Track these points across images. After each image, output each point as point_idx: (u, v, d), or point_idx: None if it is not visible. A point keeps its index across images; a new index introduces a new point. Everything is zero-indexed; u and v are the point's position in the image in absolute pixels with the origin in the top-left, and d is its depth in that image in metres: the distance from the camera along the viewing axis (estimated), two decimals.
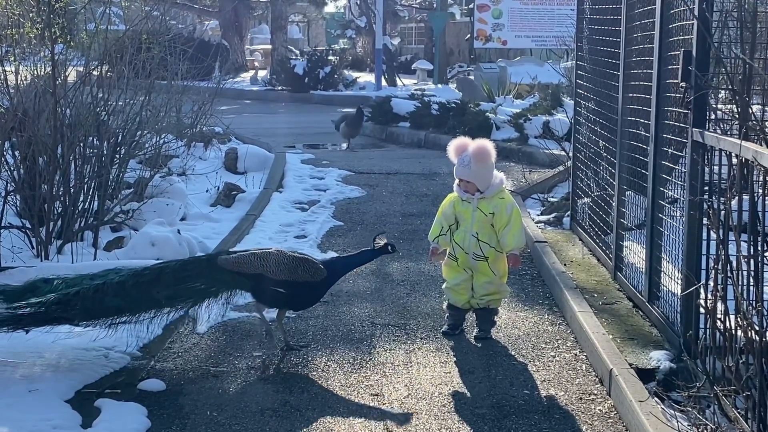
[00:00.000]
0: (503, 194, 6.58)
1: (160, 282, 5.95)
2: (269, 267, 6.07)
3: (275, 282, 6.06)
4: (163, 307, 5.93)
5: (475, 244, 6.53)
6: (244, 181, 12.05)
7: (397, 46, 37.64)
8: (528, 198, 11.28)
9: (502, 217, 6.48)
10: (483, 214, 6.51)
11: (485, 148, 6.52)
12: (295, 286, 6.11)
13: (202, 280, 6.01)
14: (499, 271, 6.61)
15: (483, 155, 6.48)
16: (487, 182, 6.51)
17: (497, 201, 6.52)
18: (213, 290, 6.04)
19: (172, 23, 13.64)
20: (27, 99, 8.81)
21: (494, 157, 6.58)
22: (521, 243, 6.58)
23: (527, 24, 26.24)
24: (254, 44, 44.87)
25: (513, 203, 6.61)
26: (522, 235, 6.57)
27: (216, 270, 6.05)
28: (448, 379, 5.82)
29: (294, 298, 6.21)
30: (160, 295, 5.88)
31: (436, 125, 16.91)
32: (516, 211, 6.52)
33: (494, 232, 6.52)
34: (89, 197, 9.00)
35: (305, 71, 28.40)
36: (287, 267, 6.10)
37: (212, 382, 5.72)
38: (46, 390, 5.33)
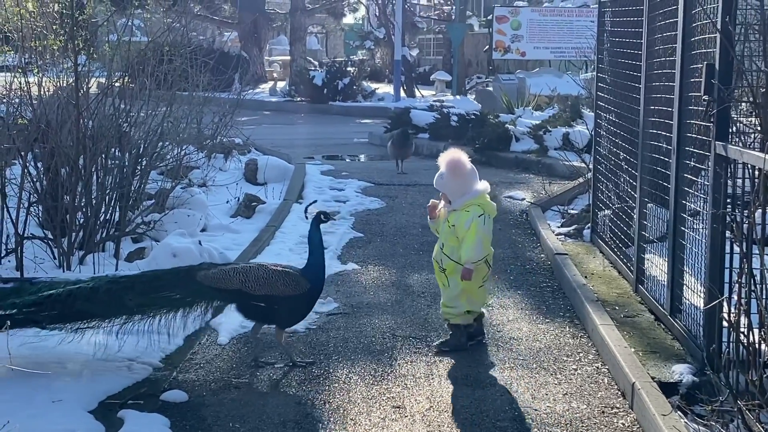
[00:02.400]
0: (470, 207, 6.48)
1: (133, 289, 5.95)
2: (248, 282, 6.03)
3: (255, 297, 6.04)
4: (134, 314, 5.90)
5: (439, 254, 6.64)
6: (264, 192, 12.09)
7: (416, 57, 37.69)
8: (548, 210, 11.26)
9: (461, 230, 6.47)
10: (448, 225, 6.55)
11: (458, 160, 6.52)
12: (276, 300, 6.06)
13: (179, 290, 5.99)
14: (455, 285, 6.53)
15: (455, 167, 6.48)
16: (458, 194, 6.50)
17: (462, 214, 6.50)
18: (188, 300, 6.00)
19: (192, 35, 13.70)
20: (50, 110, 8.87)
21: (468, 169, 6.54)
22: (473, 257, 6.41)
23: (546, 35, 26.26)
24: (273, 55, 45.08)
25: (476, 216, 6.44)
26: (475, 250, 6.40)
27: (194, 283, 6.02)
28: (469, 392, 5.81)
29: (278, 313, 6.13)
30: (132, 303, 5.87)
31: (455, 136, 16.91)
32: (475, 225, 6.41)
33: (457, 245, 6.51)
34: (111, 208, 9.05)
35: (324, 82, 28.49)
36: (266, 281, 6.05)
37: (234, 394, 5.73)
38: (69, 401, 5.36)
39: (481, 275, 6.60)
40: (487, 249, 6.54)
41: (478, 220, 6.44)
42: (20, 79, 8.79)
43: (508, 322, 7.28)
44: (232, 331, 6.87)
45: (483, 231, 6.46)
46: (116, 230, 8.91)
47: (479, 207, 6.50)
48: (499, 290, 8.18)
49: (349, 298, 7.87)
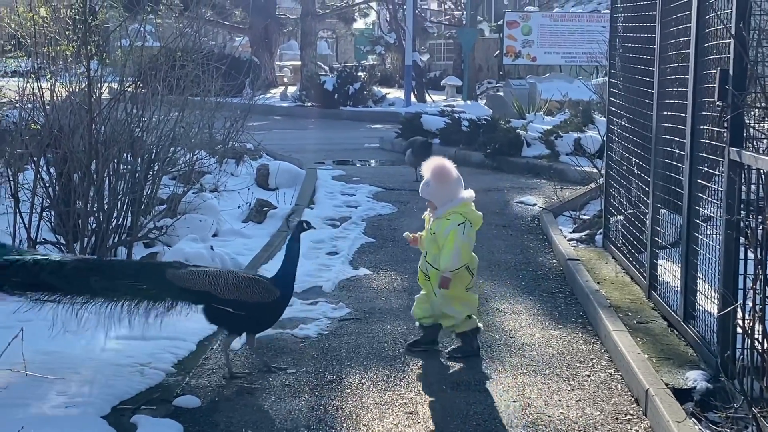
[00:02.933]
0: (451, 215, 6.43)
1: (101, 272, 5.92)
2: (218, 286, 5.96)
3: (223, 301, 5.96)
4: (96, 296, 5.82)
5: (423, 262, 6.61)
6: (276, 198, 12.10)
7: (426, 62, 37.70)
8: (560, 215, 11.24)
9: (441, 239, 6.42)
10: (430, 233, 6.52)
11: (443, 167, 6.48)
12: (244, 306, 5.99)
13: (146, 283, 5.93)
14: (441, 294, 6.47)
15: (440, 174, 6.45)
16: (444, 202, 6.46)
17: (443, 222, 6.44)
18: (153, 293, 5.92)
19: (204, 40, 13.73)
20: (62, 115, 8.90)
21: (454, 177, 6.49)
22: (450, 266, 6.34)
23: (557, 40, 26.25)
24: (283, 60, 45.14)
25: (455, 225, 6.37)
26: (452, 259, 6.33)
27: (163, 280, 5.95)
28: (482, 398, 5.80)
29: (245, 319, 6.07)
30: (97, 285, 5.81)
31: (466, 142, 16.92)
32: (453, 233, 6.35)
33: (439, 253, 6.46)
34: (123, 213, 9.06)
35: (335, 87, 28.52)
36: (235, 286, 5.99)
37: (247, 399, 5.73)
38: (82, 406, 5.36)
39: (463, 283, 6.52)
40: (466, 258, 6.44)
41: (457, 228, 6.37)
42: (33, 84, 8.83)
43: (521, 327, 7.26)
44: (244, 337, 6.85)
45: (461, 239, 6.37)
46: (128, 235, 8.92)
47: (460, 215, 6.43)
48: (511, 296, 8.17)
49: (361, 303, 7.87)
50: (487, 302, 7.95)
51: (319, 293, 8.24)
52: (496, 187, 13.97)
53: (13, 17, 8.69)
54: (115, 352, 6.32)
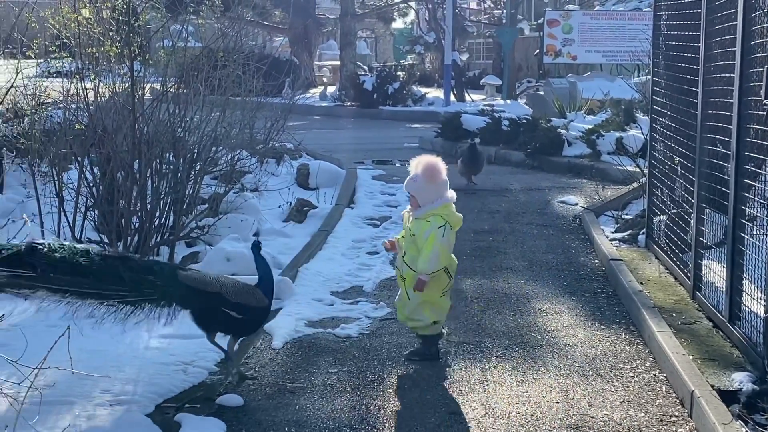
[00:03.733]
0: (431, 217, 6.29)
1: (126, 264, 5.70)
2: (227, 289, 5.91)
3: (230, 304, 5.88)
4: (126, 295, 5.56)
5: (400, 262, 6.49)
6: (316, 197, 12.12)
7: (466, 62, 37.61)
8: (601, 215, 11.15)
9: (420, 240, 6.29)
10: (409, 234, 6.39)
11: (435, 166, 6.34)
12: (247, 310, 5.94)
13: (161, 280, 5.73)
14: (414, 297, 6.34)
15: (431, 173, 6.29)
16: (429, 200, 6.32)
17: (423, 223, 6.31)
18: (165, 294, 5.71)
19: (244, 40, 13.77)
20: (106, 116, 8.97)
21: (443, 177, 6.34)
22: (428, 268, 6.19)
23: (598, 39, 26.08)
24: (322, 60, 45.22)
25: (435, 227, 6.23)
26: (430, 261, 6.18)
27: (175, 280, 5.81)
28: (525, 399, 5.77)
29: (245, 323, 6.02)
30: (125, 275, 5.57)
31: (506, 141, 16.84)
32: (433, 235, 6.22)
33: (417, 254, 6.32)
34: (165, 213, 9.13)
35: (374, 87, 28.53)
36: (243, 291, 5.96)
37: (289, 398, 5.74)
38: (127, 404, 5.40)
39: (441, 286, 6.40)
40: (445, 261, 6.29)
41: (437, 231, 6.24)
42: (77, 84, 8.91)
43: (563, 328, 7.21)
44: (285, 336, 6.89)
45: (441, 242, 6.24)
46: (170, 234, 8.99)
47: (441, 217, 6.29)
48: (553, 296, 8.12)
49: None
50: (529, 302, 7.91)
51: (359, 293, 8.24)
52: (536, 186, 13.89)
53: (57, 18, 8.76)
54: (158, 350, 6.37)
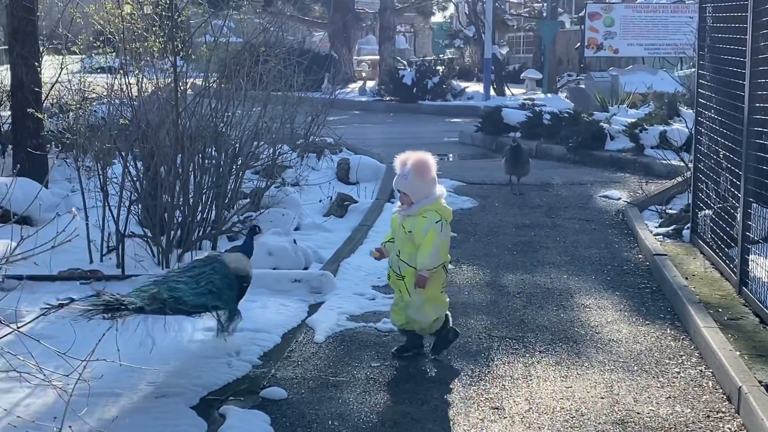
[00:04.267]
0: (427, 213, 6.17)
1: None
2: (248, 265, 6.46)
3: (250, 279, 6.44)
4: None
5: (396, 261, 6.31)
6: (356, 192, 12.12)
7: (506, 56, 37.42)
8: (645, 210, 11.05)
9: (418, 237, 6.15)
10: (404, 231, 6.24)
11: (425, 161, 6.21)
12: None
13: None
14: (418, 295, 6.21)
15: (422, 168, 6.16)
16: (421, 196, 6.19)
17: (419, 219, 6.17)
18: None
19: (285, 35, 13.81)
20: (149, 111, 9.04)
21: (434, 172, 6.21)
22: (429, 264, 6.07)
23: (640, 32, 25.82)
24: (361, 54, 45.21)
25: (433, 222, 6.11)
26: (431, 257, 6.07)
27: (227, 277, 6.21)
28: (569, 394, 5.73)
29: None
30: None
31: (547, 135, 16.74)
32: (432, 231, 6.10)
33: (415, 251, 6.20)
34: (207, 207, 9.19)
35: (414, 81, 28.47)
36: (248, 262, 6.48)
37: (332, 392, 5.75)
38: (172, 396, 5.44)
39: (439, 281, 6.28)
40: (444, 256, 6.18)
41: (435, 226, 6.13)
42: (121, 80, 8.99)
43: (607, 323, 7.15)
44: (328, 330, 6.90)
45: (440, 238, 6.13)
46: (213, 229, 9.04)
47: (436, 213, 6.18)
48: (597, 291, 8.06)
49: None
50: (572, 297, 7.86)
51: None
52: (578, 181, 13.80)
53: (101, 14, 8.84)
54: (202, 343, 6.41)
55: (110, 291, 5.72)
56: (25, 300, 7.34)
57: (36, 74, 10.46)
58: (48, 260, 8.37)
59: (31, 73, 10.35)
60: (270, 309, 7.32)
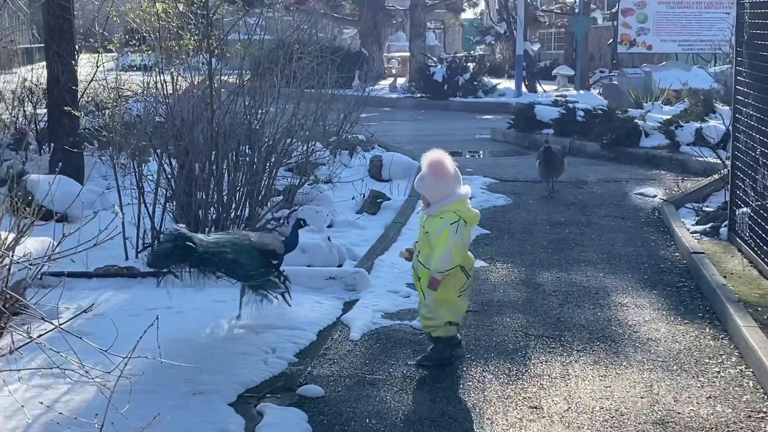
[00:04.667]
0: (444, 214, 6.04)
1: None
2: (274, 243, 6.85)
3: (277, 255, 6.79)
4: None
5: (415, 261, 6.25)
6: (389, 189, 12.10)
7: (537, 52, 37.28)
8: (681, 207, 10.94)
9: (434, 238, 6.05)
10: (423, 232, 6.17)
11: (440, 161, 6.08)
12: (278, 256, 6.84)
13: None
14: (430, 296, 6.10)
15: (437, 169, 6.05)
16: (438, 198, 6.08)
17: (436, 221, 6.07)
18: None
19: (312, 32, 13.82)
20: (184, 108, 9.06)
21: (450, 173, 6.05)
22: (441, 266, 5.94)
23: (674, 28, 25.61)
24: (391, 52, 45.19)
25: (448, 224, 5.97)
26: (443, 259, 5.93)
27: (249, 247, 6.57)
28: (608, 393, 5.68)
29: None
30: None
31: (581, 132, 16.64)
32: (446, 233, 5.98)
33: (431, 252, 6.09)
34: (241, 204, 9.20)
35: (444, 78, 28.41)
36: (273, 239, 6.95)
37: (369, 390, 5.73)
38: (210, 393, 5.45)
39: (457, 285, 6.13)
40: (458, 258, 6.00)
41: (450, 228, 6.00)
42: (156, 77, 9.02)
43: (645, 322, 7.09)
44: (363, 328, 6.89)
45: (454, 239, 5.98)
46: (246, 226, 9.05)
47: (454, 214, 6.03)
48: (634, 290, 7.99)
49: (479, 295, 7.80)
50: (609, 296, 7.80)
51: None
52: (613, 178, 13.70)
53: (136, 12, 8.87)
54: (239, 341, 6.42)
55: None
56: (64, 297, 7.40)
57: (72, 72, 10.53)
58: (84, 257, 8.44)
59: (68, 71, 10.41)
60: (305, 306, 7.32)
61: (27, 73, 12.89)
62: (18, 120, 12.32)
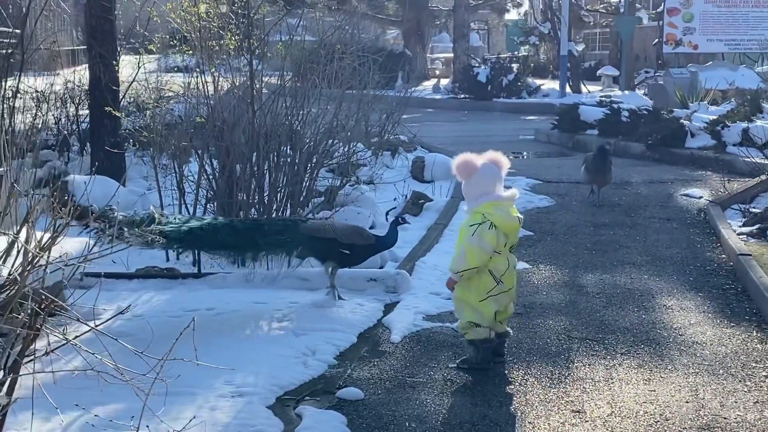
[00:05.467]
0: (471, 214, 5.98)
1: (260, 231, 7.27)
2: (339, 233, 7.31)
3: (343, 245, 7.28)
4: (260, 250, 7.26)
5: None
6: (431, 190, 12.02)
7: (582, 52, 36.97)
8: (728, 209, 10.75)
9: (458, 237, 6.06)
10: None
11: (462, 163, 6.00)
12: (356, 248, 7.34)
13: (289, 235, 7.23)
14: (454, 294, 6.09)
15: (460, 170, 6.00)
16: (468, 199, 6.05)
17: (464, 221, 6.07)
18: (294, 244, 7.26)
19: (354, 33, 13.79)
20: (225, 109, 9.06)
21: (477, 173, 5.94)
22: (454, 267, 5.90)
23: (720, 27, 25.27)
24: (435, 52, 45.11)
25: (467, 225, 5.92)
26: (457, 259, 5.88)
27: (298, 232, 7.25)
28: (653, 398, 5.56)
29: (354, 257, 7.44)
30: (260, 242, 7.17)
31: (626, 132, 16.44)
32: (463, 233, 5.92)
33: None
34: (282, 205, 9.18)
35: (488, 79, 28.28)
36: (353, 233, 7.40)
37: (409, 393, 5.67)
38: (248, 395, 5.41)
39: (481, 288, 5.94)
40: (474, 261, 5.84)
41: (468, 229, 5.90)
42: (197, 78, 9.03)
43: (690, 325, 6.95)
44: (404, 330, 6.82)
45: (470, 241, 5.83)
46: None
47: (481, 215, 5.90)
48: (679, 292, 7.85)
49: (522, 297, 7.70)
50: (653, 298, 7.66)
51: None
52: (658, 179, 13.51)
53: (177, 12, 8.89)
54: (278, 343, 6.38)
55: None
56: (103, 298, 7.41)
57: (114, 73, 10.58)
58: (125, 258, 8.46)
59: (109, 72, 10.47)
60: (346, 308, 7.27)
61: (70, 74, 12.97)
62: (60, 121, 12.42)
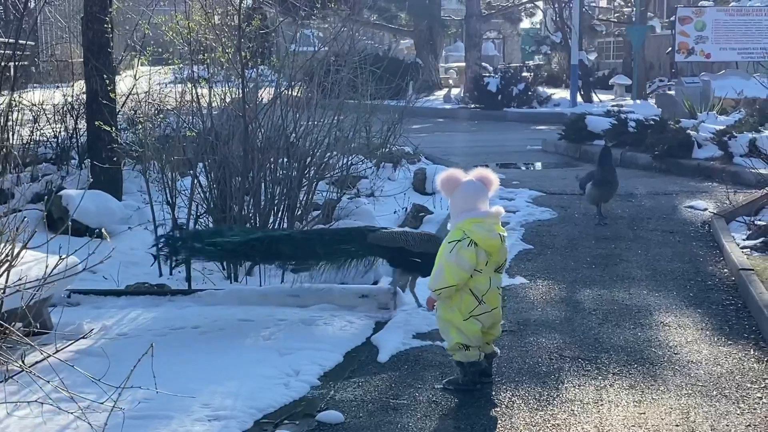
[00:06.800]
0: (453, 230, 5.81)
1: (321, 240, 7.47)
2: (409, 242, 7.35)
3: (413, 254, 7.28)
4: (320, 260, 7.37)
5: None
6: (432, 202, 11.88)
7: (594, 61, 36.81)
8: (732, 221, 10.56)
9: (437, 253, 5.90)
10: None
11: (443, 178, 5.86)
12: (426, 256, 6.84)
13: (353, 245, 7.38)
14: (437, 314, 5.94)
15: (441, 186, 5.87)
16: (453, 215, 5.89)
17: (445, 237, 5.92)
18: (360, 253, 7.39)
19: (368, 43, 13.67)
20: (219, 122, 8.97)
21: (460, 189, 5.78)
22: (431, 284, 5.78)
23: (733, 36, 25.07)
24: (449, 62, 45.03)
25: (446, 242, 5.76)
26: (434, 277, 5.74)
27: (365, 241, 7.39)
28: (642, 421, 5.40)
29: (425, 266, 6.87)
30: (320, 251, 7.33)
31: (633, 143, 16.25)
32: (441, 250, 5.76)
33: None
34: (278, 218, 9.07)
35: (498, 89, 28.15)
36: (422, 241, 7.36)
37: (391, 416, 5.52)
38: (225, 418, 5.27)
39: (464, 308, 5.77)
40: (452, 279, 5.67)
41: (446, 246, 5.74)
42: (192, 91, 8.94)
43: (686, 343, 6.78)
44: (392, 349, 6.66)
45: (447, 258, 5.67)
46: None
47: (461, 232, 5.73)
48: (678, 308, 7.67)
49: (516, 314, 7.55)
50: (651, 315, 7.49)
51: None
52: (663, 191, 13.32)
53: (170, 25, 8.81)
54: (261, 362, 6.24)
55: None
56: (90, 315, 7.35)
57: (111, 86, 10.50)
58: (116, 274, 8.37)
59: (106, 85, 10.38)
60: (335, 326, 7.15)
61: (69, 87, 12.92)
62: (59, 134, 12.35)
